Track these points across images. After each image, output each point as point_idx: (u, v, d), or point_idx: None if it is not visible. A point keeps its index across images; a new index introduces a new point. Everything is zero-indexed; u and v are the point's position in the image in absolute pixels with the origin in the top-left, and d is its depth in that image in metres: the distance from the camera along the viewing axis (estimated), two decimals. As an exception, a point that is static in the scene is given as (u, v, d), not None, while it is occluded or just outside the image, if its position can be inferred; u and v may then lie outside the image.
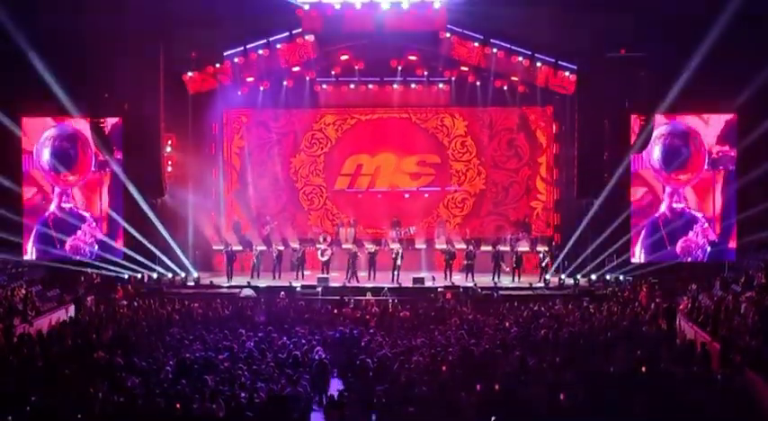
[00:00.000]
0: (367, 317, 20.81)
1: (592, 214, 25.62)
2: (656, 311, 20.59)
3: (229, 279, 26.09)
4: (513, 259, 26.30)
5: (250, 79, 27.81)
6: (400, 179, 29.34)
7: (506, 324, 19.51)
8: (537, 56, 26.48)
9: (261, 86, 28.20)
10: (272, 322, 19.95)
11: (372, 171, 29.34)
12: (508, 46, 26.51)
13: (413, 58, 27.79)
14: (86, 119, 25.59)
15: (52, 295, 22.89)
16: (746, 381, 14.81)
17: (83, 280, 24.53)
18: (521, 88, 27.92)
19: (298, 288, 24.55)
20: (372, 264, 26.05)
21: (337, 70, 28.24)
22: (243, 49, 26.71)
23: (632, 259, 25.27)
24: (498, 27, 25.71)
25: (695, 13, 23.08)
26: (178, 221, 27.29)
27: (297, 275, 26.19)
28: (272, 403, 13.40)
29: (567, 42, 25.45)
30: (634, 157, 25.20)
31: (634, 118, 25.21)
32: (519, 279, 26.03)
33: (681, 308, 20.74)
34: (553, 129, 28.92)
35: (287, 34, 26.64)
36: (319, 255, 26.62)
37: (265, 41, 26.71)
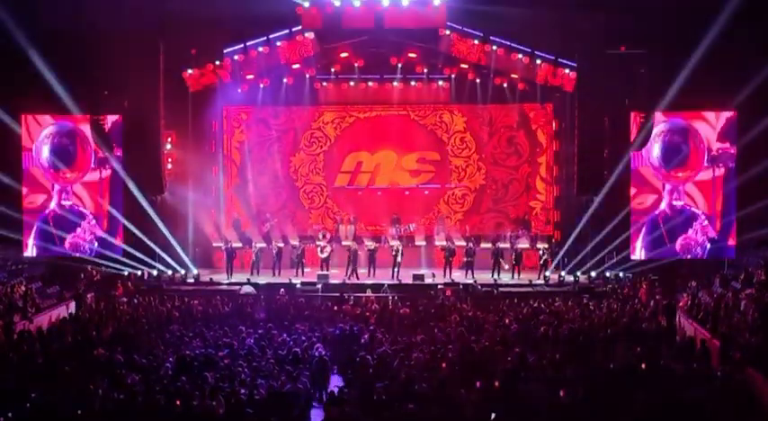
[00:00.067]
0: (367, 314, 20.78)
1: (592, 211, 25.67)
2: (656, 308, 20.60)
3: (229, 276, 26.08)
4: (512, 256, 26.31)
5: (250, 76, 27.84)
6: (400, 176, 29.35)
7: (506, 321, 19.50)
8: (537, 53, 26.49)
9: (261, 84, 28.24)
10: (272, 319, 19.94)
11: (372, 168, 29.37)
12: (508, 43, 26.53)
13: (413, 55, 27.81)
14: (86, 116, 25.61)
15: (52, 292, 22.94)
16: (746, 378, 14.80)
17: (83, 277, 24.56)
18: (521, 85, 27.94)
19: (298, 285, 24.52)
20: (372, 261, 26.05)
21: (337, 67, 28.27)
22: (243, 46, 26.73)
23: (632, 256, 25.28)
24: (498, 24, 25.69)
25: (695, 10, 23.07)
26: (178, 218, 27.29)
27: (297, 272, 26.21)
28: (272, 400, 13.40)
29: (567, 39, 25.46)
30: (634, 155, 25.21)
31: (634, 115, 25.19)
32: (519, 276, 26.02)
33: (681, 305, 20.76)
34: (553, 126, 28.92)
35: (287, 32, 26.66)
36: (319, 251, 26.61)
37: (265, 39, 26.70)
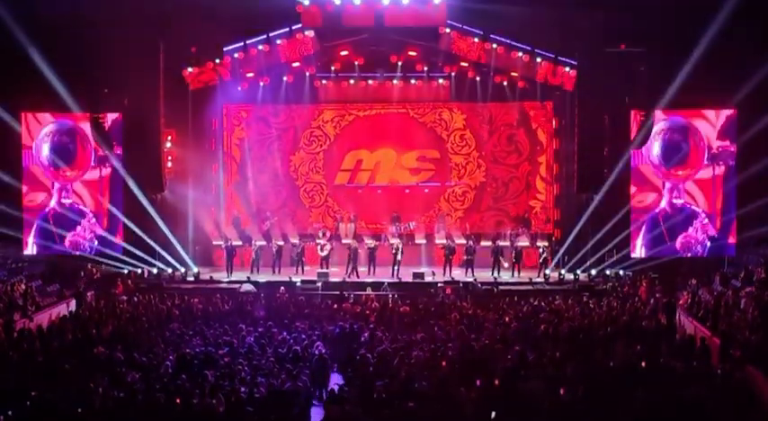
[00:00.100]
0: (367, 312, 20.77)
1: (592, 209, 25.66)
2: (656, 306, 20.61)
3: (229, 274, 26.07)
4: (512, 254, 26.30)
5: (250, 75, 27.82)
6: (400, 174, 29.35)
7: (506, 319, 19.50)
8: (537, 51, 26.47)
9: (261, 82, 28.22)
10: (272, 317, 19.91)
11: (372, 166, 29.37)
12: (508, 41, 26.51)
13: (413, 53, 27.80)
14: (86, 114, 25.61)
15: (52, 290, 22.96)
16: (746, 376, 14.79)
17: (83, 275, 24.56)
18: (520, 84, 27.93)
19: (298, 283, 24.52)
20: (372, 259, 26.05)
21: (337, 66, 28.25)
22: (243, 44, 26.71)
23: (632, 254, 25.28)
24: (498, 22, 25.67)
25: (694, 8, 23.04)
26: (178, 216, 27.29)
27: (296, 270, 26.20)
28: (272, 398, 13.40)
29: (566, 37, 25.44)
30: (634, 153, 25.20)
31: (634, 113, 25.19)
32: (519, 274, 26.02)
33: (681, 303, 20.77)
34: (553, 124, 28.92)
35: (287, 30, 26.63)
36: (319, 250, 26.61)
37: (265, 37, 26.70)
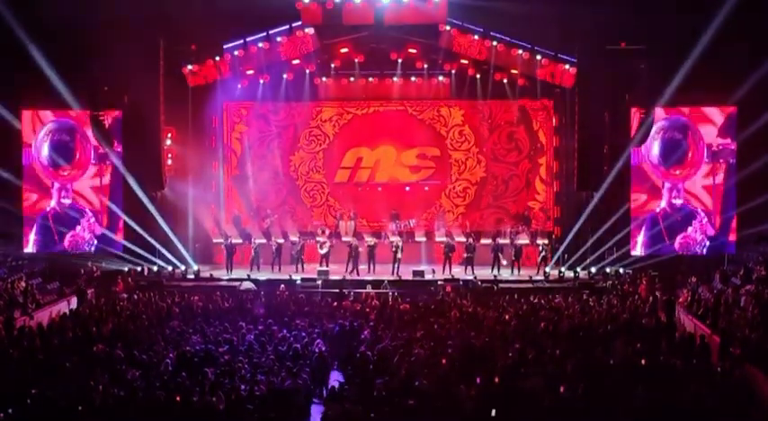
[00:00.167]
0: (367, 309, 20.75)
1: (592, 207, 25.66)
2: (656, 304, 20.61)
3: (229, 272, 26.07)
4: (512, 252, 26.30)
5: (250, 72, 27.79)
6: (400, 172, 29.34)
7: (506, 317, 19.47)
8: (537, 49, 26.46)
9: (261, 79, 28.18)
10: (272, 315, 19.88)
11: (372, 164, 29.35)
12: (508, 39, 26.49)
13: (413, 50, 27.77)
14: (86, 112, 25.62)
15: (52, 288, 22.96)
16: (746, 374, 14.81)
17: (83, 273, 24.57)
18: (521, 81, 27.88)
19: (298, 281, 24.50)
20: (372, 257, 26.05)
21: (337, 63, 28.22)
22: (243, 41, 26.70)
23: (632, 252, 25.30)
24: (498, 20, 25.64)
25: (695, 6, 23.04)
26: (178, 214, 27.29)
27: (296, 268, 26.19)
28: (272, 396, 13.40)
29: (566, 35, 25.42)
30: (634, 151, 25.20)
31: (634, 111, 25.21)
32: (519, 272, 26.02)
33: (680, 300, 20.79)
34: (553, 122, 28.90)
35: (287, 27, 26.62)
36: (318, 247, 26.60)
37: (265, 34, 26.69)
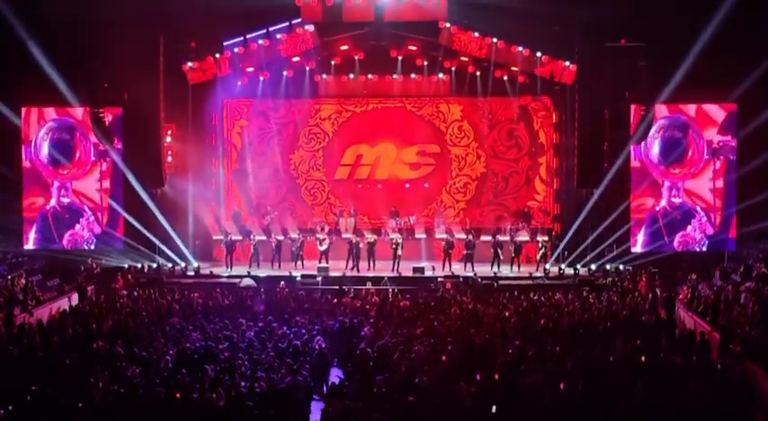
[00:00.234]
0: (367, 306, 20.75)
1: (592, 204, 25.66)
2: (656, 301, 20.60)
3: (229, 269, 26.07)
4: (512, 249, 26.30)
5: (250, 69, 27.78)
6: (400, 169, 29.31)
7: (506, 313, 19.47)
8: (537, 46, 26.41)
9: (261, 76, 28.16)
10: (272, 312, 19.88)
11: (372, 161, 29.33)
12: (508, 36, 26.44)
13: (413, 48, 27.74)
14: (86, 109, 25.62)
15: (52, 285, 22.95)
16: (746, 371, 14.79)
17: (83, 270, 24.58)
18: (521, 78, 27.87)
19: (298, 277, 24.52)
20: (372, 254, 26.06)
21: (337, 60, 28.20)
22: (243, 39, 26.69)
23: (632, 249, 25.30)
24: (498, 17, 25.57)
25: (695, 3, 23.03)
26: (178, 211, 27.29)
27: (296, 265, 26.20)
28: (272, 393, 13.40)
29: (567, 32, 25.40)
30: (634, 149, 25.21)
31: (634, 108, 25.21)
32: (519, 269, 26.04)
33: (680, 297, 20.78)
34: (553, 119, 28.89)
35: (287, 24, 26.61)
36: (318, 244, 26.61)
37: (265, 31, 26.67)
